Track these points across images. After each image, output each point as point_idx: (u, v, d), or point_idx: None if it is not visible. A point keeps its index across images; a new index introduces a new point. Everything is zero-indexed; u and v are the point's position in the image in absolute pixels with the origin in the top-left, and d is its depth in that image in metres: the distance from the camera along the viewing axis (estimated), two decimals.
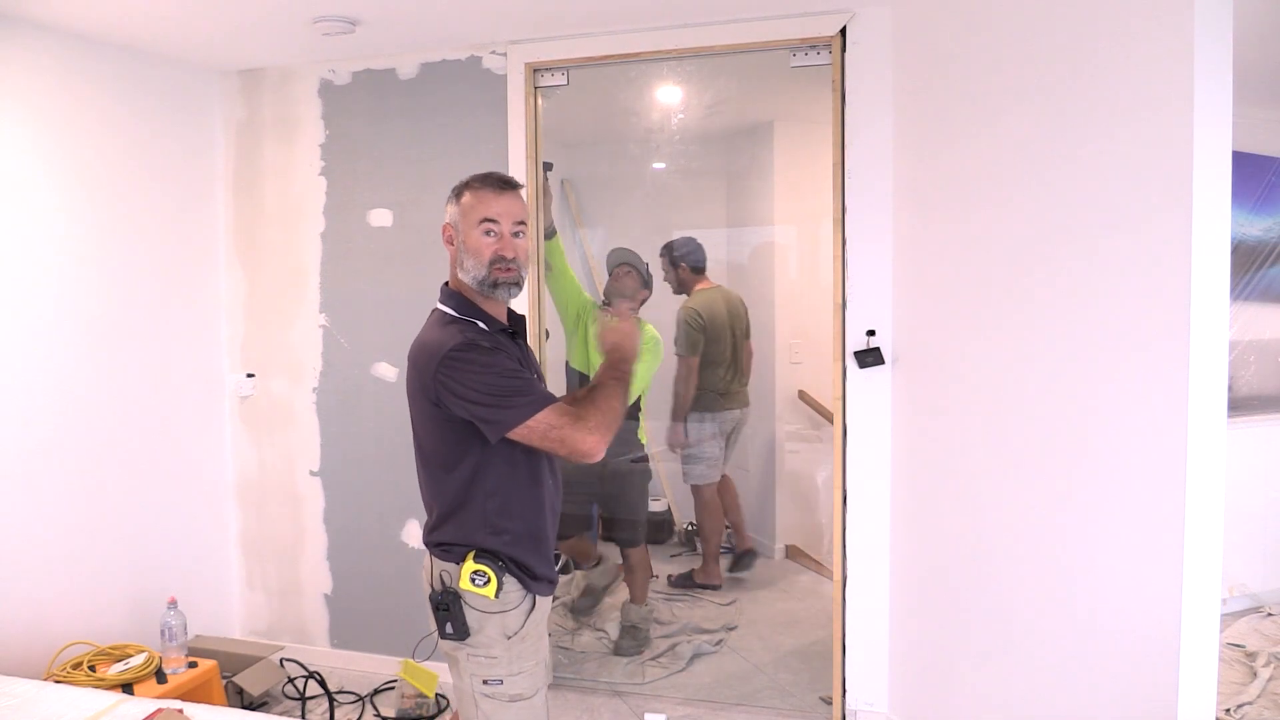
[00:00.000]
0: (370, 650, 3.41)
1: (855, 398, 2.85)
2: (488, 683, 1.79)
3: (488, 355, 1.69)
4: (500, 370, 1.69)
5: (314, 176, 3.36)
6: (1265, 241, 4.06)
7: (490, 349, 1.70)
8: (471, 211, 1.77)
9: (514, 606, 1.79)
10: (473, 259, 1.77)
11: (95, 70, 2.92)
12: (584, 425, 1.67)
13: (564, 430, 1.66)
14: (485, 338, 1.74)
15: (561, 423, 1.67)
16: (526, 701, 1.80)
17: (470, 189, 1.80)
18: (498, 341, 1.76)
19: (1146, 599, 1.92)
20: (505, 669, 1.78)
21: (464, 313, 1.79)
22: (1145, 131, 1.89)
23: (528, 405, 1.67)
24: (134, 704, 2.08)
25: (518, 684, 1.79)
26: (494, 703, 1.79)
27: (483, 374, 1.67)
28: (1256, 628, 3.69)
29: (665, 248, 4.14)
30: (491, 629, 1.77)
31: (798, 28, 2.81)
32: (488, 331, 1.78)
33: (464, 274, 1.79)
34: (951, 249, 2.52)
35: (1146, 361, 1.91)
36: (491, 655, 1.78)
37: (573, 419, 1.67)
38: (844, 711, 2.93)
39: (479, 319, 1.79)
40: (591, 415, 1.68)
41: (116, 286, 3.02)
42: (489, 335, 1.77)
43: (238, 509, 3.53)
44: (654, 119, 4.35)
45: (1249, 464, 3.89)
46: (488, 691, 1.79)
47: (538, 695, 1.83)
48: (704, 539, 4.21)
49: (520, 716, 1.81)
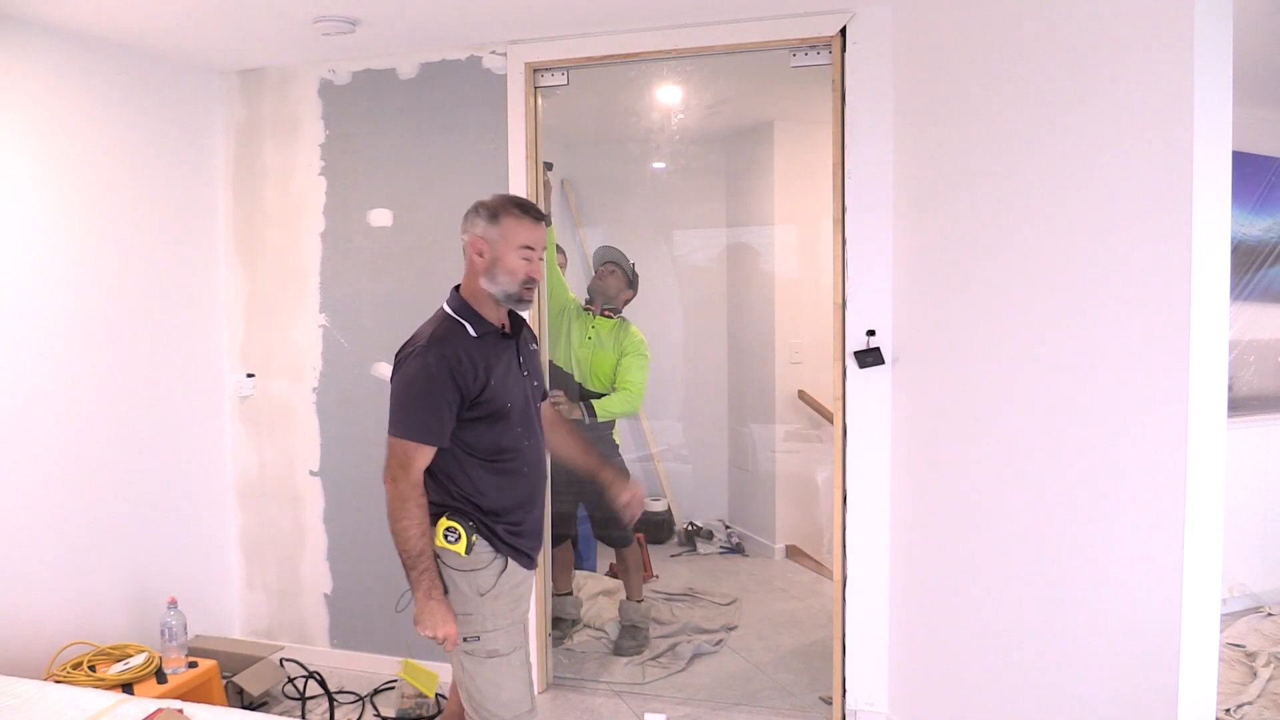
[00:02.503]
0: (370, 650, 3.41)
1: (855, 398, 2.85)
2: (466, 639, 1.97)
3: (426, 370, 1.89)
4: (422, 387, 1.89)
5: (314, 176, 3.36)
6: (1265, 241, 4.06)
7: (438, 362, 1.89)
8: (514, 236, 1.97)
9: (485, 565, 1.98)
10: (507, 276, 1.97)
11: (95, 70, 2.92)
12: (391, 479, 1.92)
13: (392, 464, 1.92)
14: (460, 342, 1.94)
15: (394, 459, 1.91)
16: (504, 659, 1.98)
17: (511, 215, 1.97)
18: (476, 345, 1.95)
19: (1146, 599, 1.92)
20: (480, 626, 1.96)
21: (460, 314, 1.99)
22: (1145, 131, 1.89)
23: (402, 426, 1.91)
24: (134, 704, 2.08)
25: (494, 640, 1.97)
26: (473, 659, 1.98)
27: (406, 382, 1.91)
28: (1256, 628, 3.69)
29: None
30: (465, 586, 1.96)
31: (798, 28, 2.81)
32: (473, 336, 1.96)
33: (492, 285, 1.98)
34: (951, 249, 2.53)
35: (1146, 361, 1.91)
36: (466, 612, 1.97)
37: (398, 470, 1.91)
38: (844, 711, 2.93)
39: (470, 321, 1.98)
40: (397, 500, 1.91)
41: (116, 286, 3.02)
42: (468, 338, 1.96)
43: (238, 509, 3.53)
44: (654, 119, 4.35)
45: (1249, 464, 3.89)
46: (467, 649, 1.98)
47: (515, 654, 2.00)
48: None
49: (498, 671, 1.98)
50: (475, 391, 1.93)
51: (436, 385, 1.89)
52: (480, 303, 2.01)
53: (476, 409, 1.95)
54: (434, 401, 1.89)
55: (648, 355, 3.55)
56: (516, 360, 2.06)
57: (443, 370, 1.89)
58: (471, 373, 1.92)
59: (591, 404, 3.41)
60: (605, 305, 3.60)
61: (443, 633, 1.93)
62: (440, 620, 1.93)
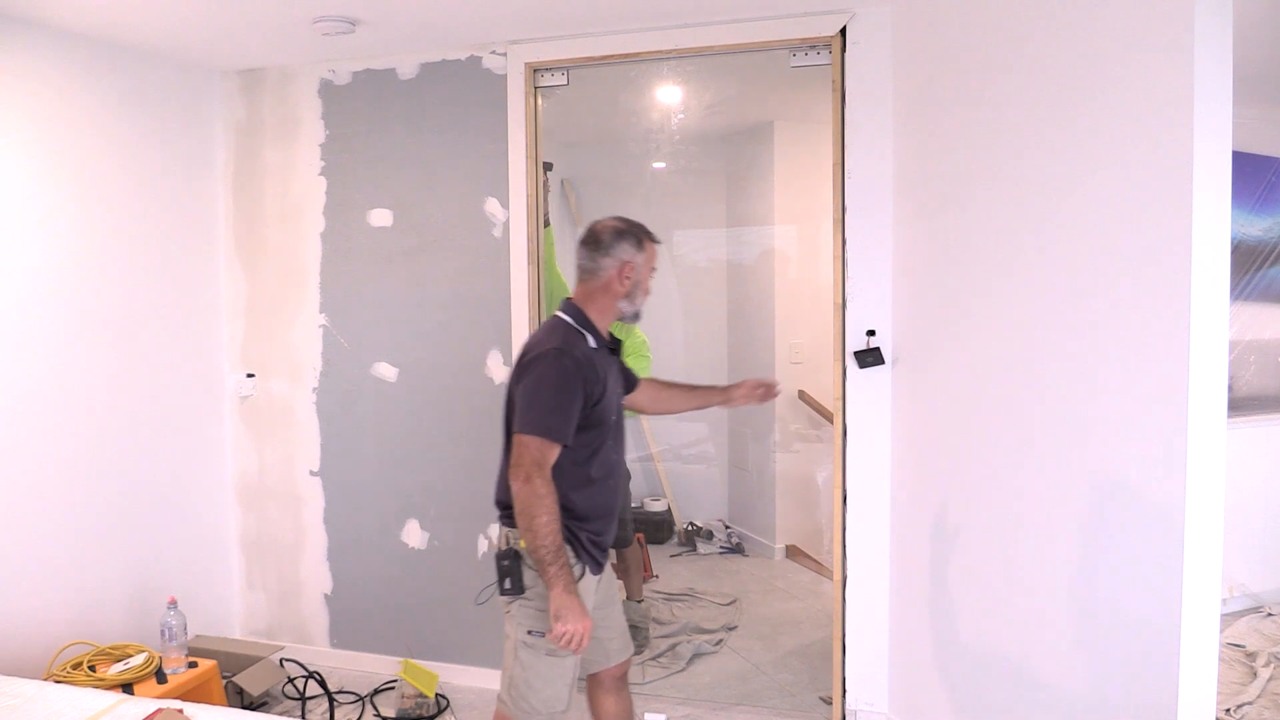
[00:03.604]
0: (370, 650, 3.41)
1: (855, 398, 2.85)
2: (531, 633, 2.04)
3: (563, 372, 1.98)
4: (557, 388, 1.98)
5: (314, 176, 3.36)
6: (1265, 241, 4.06)
7: (572, 367, 1.99)
8: (651, 261, 2.18)
9: None
10: (643, 296, 2.17)
11: (95, 70, 2.92)
12: (525, 478, 1.95)
13: (525, 461, 1.96)
14: (583, 350, 2.04)
15: (528, 457, 1.95)
16: (560, 660, 2.05)
17: (650, 241, 2.18)
18: (595, 356, 2.06)
19: (1146, 599, 1.92)
20: (548, 624, 1.98)
21: (582, 326, 2.10)
22: (1145, 131, 1.89)
23: (538, 425, 1.96)
24: (134, 704, 2.08)
25: None
26: (532, 653, 2.05)
27: (542, 382, 1.99)
28: (1256, 628, 3.69)
29: None
30: (541, 586, 1.99)
31: (798, 28, 2.81)
32: (591, 347, 2.08)
33: (629, 305, 2.15)
34: (952, 249, 2.52)
35: (1147, 361, 1.91)
36: (539, 609, 2.03)
37: (532, 468, 1.95)
38: (844, 711, 2.93)
39: (590, 333, 2.10)
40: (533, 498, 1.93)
41: (116, 286, 3.02)
42: (588, 348, 2.07)
43: (238, 509, 3.54)
44: (654, 119, 4.35)
45: (1249, 464, 3.89)
46: (529, 641, 2.05)
47: (570, 657, 2.06)
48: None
49: (550, 669, 2.05)
50: (595, 398, 2.04)
51: (568, 386, 1.98)
52: (599, 318, 2.14)
53: (589, 417, 2.04)
54: (566, 401, 1.99)
55: (650, 356, 3.54)
56: (618, 375, 2.22)
57: (575, 373, 1.99)
58: (595, 380, 2.04)
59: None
60: None
61: (582, 628, 1.94)
62: (579, 614, 1.94)
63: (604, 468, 2.12)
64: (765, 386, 2.46)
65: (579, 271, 2.16)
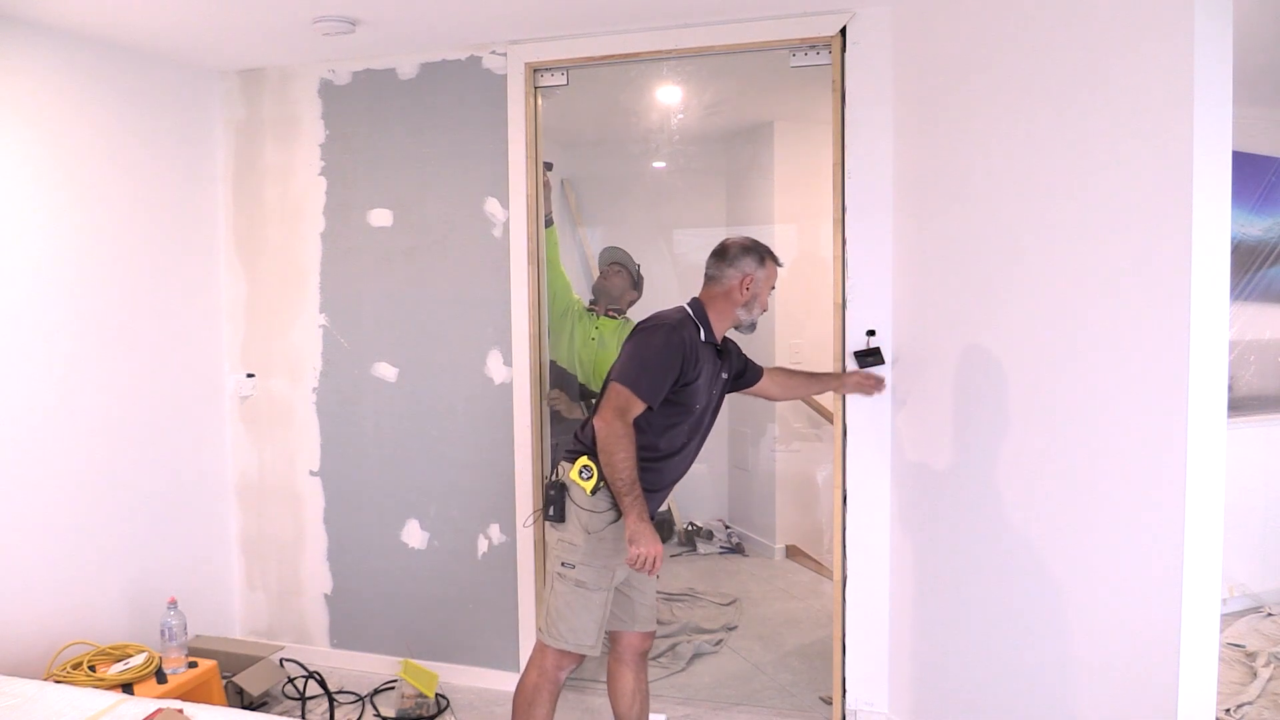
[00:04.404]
0: (370, 650, 3.41)
1: (855, 398, 2.84)
2: (564, 564, 2.29)
3: (668, 343, 2.22)
4: (659, 354, 2.22)
5: (314, 176, 3.36)
6: (1265, 241, 4.06)
7: (679, 343, 2.22)
8: (771, 279, 2.42)
9: (601, 511, 2.28)
10: (759, 308, 2.42)
11: (94, 70, 2.92)
12: (609, 419, 2.19)
13: (612, 405, 2.20)
14: (691, 335, 2.28)
15: (616, 402, 2.19)
16: (587, 592, 2.27)
17: (773, 263, 2.42)
18: (700, 347, 2.30)
19: (1146, 599, 1.92)
20: (579, 557, 2.27)
21: (699, 319, 2.36)
22: (1145, 131, 1.89)
23: (632, 379, 2.20)
24: (134, 704, 2.08)
25: (585, 574, 2.27)
26: (564, 582, 2.29)
27: (649, 346, 2.24)
28: (1256, 628, 3.69)
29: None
30: (578, 521, 2.27)
31: (798, 28, 2.81)
32: (700, 339, 2.31)
33: (746, 314, 2.40)
34: (952, 249, 2.53)
35: (1146, 361, 1.91)
36: (573, 543, 2.28)
37: (616, 412, 2.19)
38: (844, 711, 2.93)
39: (704, 326, 2.35)
40: (612, 437, 2.18)
41: (116, 286, 3.02)
42: (696, 339, 2.29)
43: (238, 509, 3.54)
44: (654, 119, 4.35)
45: (1249, 464, 3.88)
46: (562, 572, 2.29)
47: (597, 593, 2.28)
48: None
49: (578, 599, 2.27)
50: (689, 378, 2.26)
51: (670, 356, 2.22)
52: (715, 319, 2.38)
53: (680, 395, 2.27)
54: (663, 368, 2.21)
55: None
56: (716, 372, 2.41)
57: (678, 347, 2.22)
58: (693, 361, 2.26)
59: (594, 404, 3.40)
60: (610, 306, 3.59)
61: (653, 550, 2.14)
62: (651, 539, 2.15)
63: (672, 445, 2.33)
64: (875, 381, 2.75)
65: (706, 278, 2.43)
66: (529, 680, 2.34)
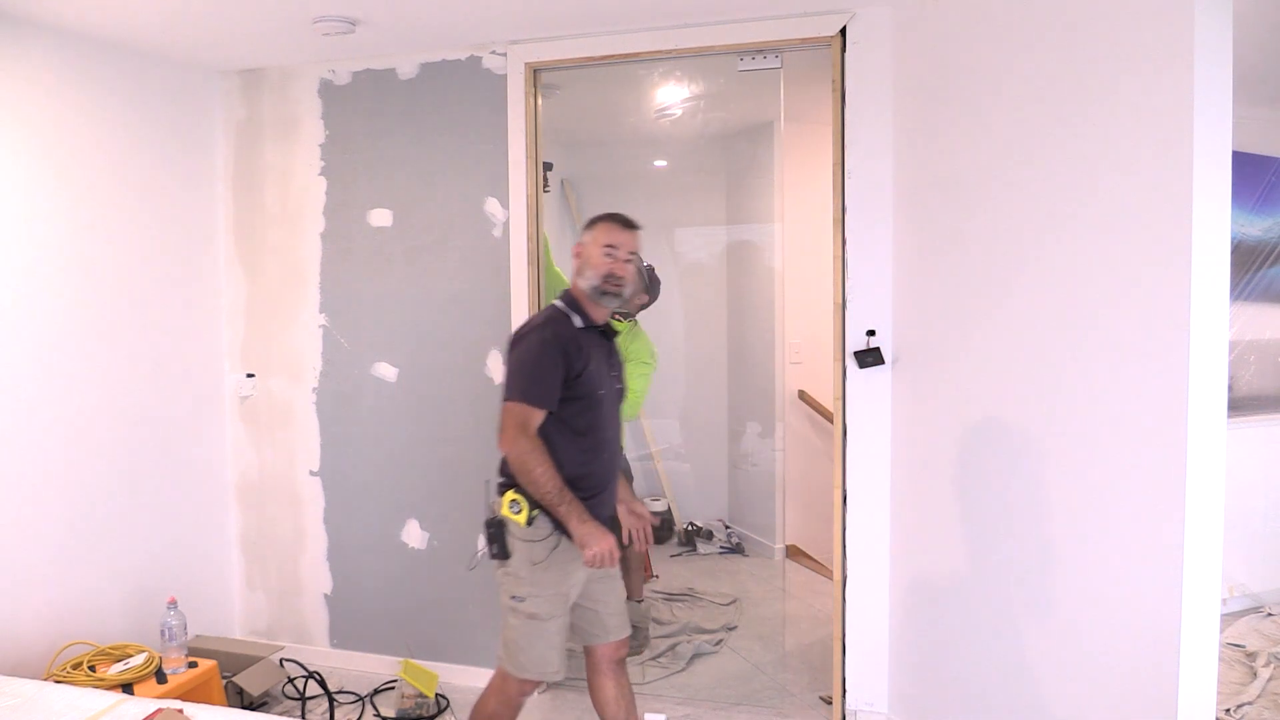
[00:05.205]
0: (370, 650, 3.41)
1: (855, 398, 2.85)
2: (514, 598, 2.24)
3: (542, 342, 2.16)
4: (537, 357, 2.15)
5: (314, 176, 3.36)
6: (1265, 241, 4.06)
7: (552, 338, 2.17)
8: (600, 238, 2.29)
9: (541, 539, 2.21)
10: (592, 271, 2.26)
11: (95, 70, 2.92)
12: (512, 440, 2.12)
13: (510, 424, 2.14)
14: (567, 328, 2.22)
15: (512, 420, 2.13)
16: (540, 623, 2.22)
17: (603, 222, 2.31)
18: (580, 335, 2.23)
19: (1146, 599, 1.92)
20: (527, 589, 2.22)
21: (570, 307, 2.28)
22: (1145, 131, 1.89)
23: (520, 391, 2.15)
24: (134, 704, 2.08)
25: (536, 605, 2.22)
26: (517, 616, 2.24)
27: (524, 353, 2.18)
28: (1256, 628, 3.69)
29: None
30: (521, 554, 2.22)
31: (798, 28, 2.81)
32: (577, 326, 2.25)
33: (582, 281, 2.28)
34: (951, 249, 2.52)
35: (1146, 361, 1.91)
36: (519, 575, 2.23)
37: (516, 430, 2.13)
38: (844, 711, 2.93)
39: (576, 313, 2.27)
40: (521, 456, 2.12)
41: (116, 287, 3.02)
42: (573, 327, 2.23)
43: (238, 509, 3.53)
44: (654, 118, 4.35)
45: (1249, 464, 3.88)
46: (513, 605, 2.25)
47: (551, 621, 2.24)
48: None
49: (533, 631, 2.23)
50: (576, 370, 2.20)
51: (549, 357, 2.16)
52: (583, 301, 2.30)
53: (574, 388, 2.20)
54: (547, 371, 2.16)
55: (653, 364, 3.45)
56: (607, 357, 2.36)
57: (555, 345, 2.17)
58: (576, 353, 2.20)
59: None
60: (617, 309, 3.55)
61: (605, 546, 2.11)
62: (599, 535, 2.12)
63: (594, 440, 2.27)
64: (643, 523, 2.51)
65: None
66: (488, 707, 2.30)
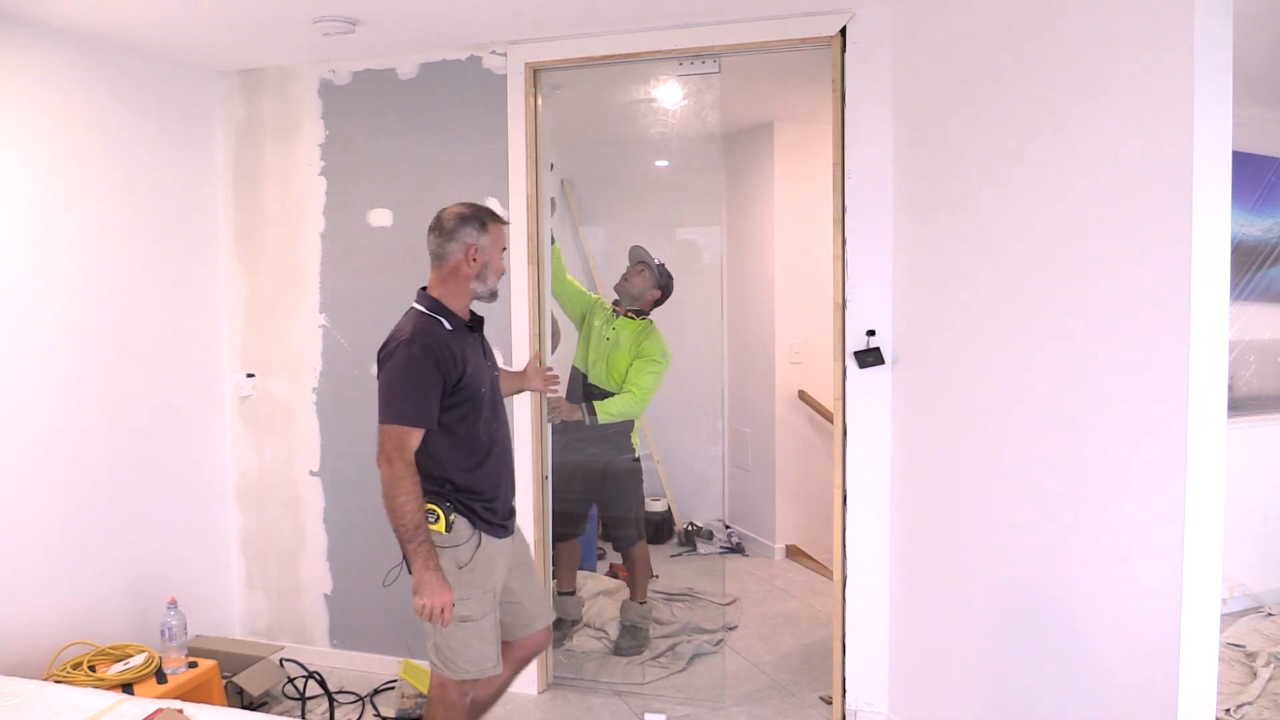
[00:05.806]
0: (370, 650, 3.41)
1: (855, 398, 2.84)
2: None
3: (411, 359, 2.08)
4: (409, 374, 2.08)
5: (314, 176, 3.36)
6: (1265, 241, 4.06)
7: (422, 352, 2.08)
8: (499, 240, 2.26)
9: (464, 541, 2.19)
10: (494, 275, 2.25)
11: (95, 70, 2.92)
12: (391, 463, 2.07)
13: (387, 447, 2.08)
14: (438, 335, 2.13)
15: (390, 443, 2.07)
16: (474, 623, 2.20)
17: (495, 223, 2.25)
18: (451, 338, 2.15)
19: (1146, 599, 1.92)
20: (459, 593, 2.16)
21: (435, 311, 2.20)
22: (1145, 131, 1.89)
23: (396, 413, 2.08)
24: (134, 704, 2.08)
25: (467, 607, 2.18)
26: (452, 621, 2.16)
27: (396, 371, 2.10)
28: (1256, 628, 3.69)
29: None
30: (446, 560, 2.16)
31: (797, 28, 2.81)
32: (449, 329, 2.17)
33: (481, 285, 2.23)
34: (951, 249, 2.53)
35: (1146, 361, 1.91)
36: (449, 582, 2.16)
37: (394, 452, 2.07)
38: (844, 711, 2.93)
39: (444, 317, 2.19)
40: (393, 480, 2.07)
41: (115, 287, 3.02)
42: (444, 331, 2.16)
43: (238, 509, 3.53)
44: (654, 118, 4.35)
45: (1249, 464, 3.88)
46: None
47: (485, 620, 2.22)
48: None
49: (467, 634, 2.20)
50: (455, 378, 2.14)
51: (423, 373, 2.08)
52: (453, 301, 2.22)
53: (456, 394, 2.15)
54: (422, 387, 2.09)
55: (663, 363, 3.45)
56: (481, 350, 2.31)
57: (428, 359, 2.08)
58: (452, 361, 2.13)
59: (593, 404, 3.40)
60: (629, 307, 3.56)
61: (439, 601, 2.09)
62: (438, 589, 2.09)
63: (484, 441, 2.24)
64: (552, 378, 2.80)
65: (431, 258, 2.24)
66: (437, 718, 2.28)
